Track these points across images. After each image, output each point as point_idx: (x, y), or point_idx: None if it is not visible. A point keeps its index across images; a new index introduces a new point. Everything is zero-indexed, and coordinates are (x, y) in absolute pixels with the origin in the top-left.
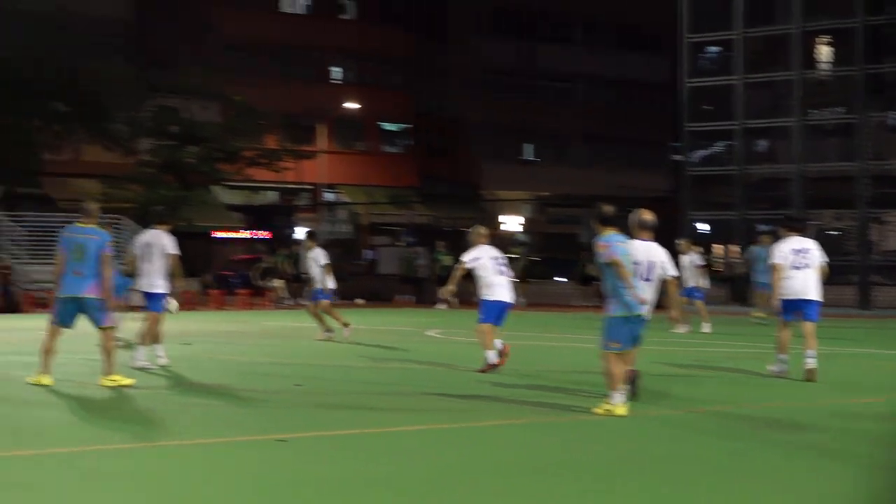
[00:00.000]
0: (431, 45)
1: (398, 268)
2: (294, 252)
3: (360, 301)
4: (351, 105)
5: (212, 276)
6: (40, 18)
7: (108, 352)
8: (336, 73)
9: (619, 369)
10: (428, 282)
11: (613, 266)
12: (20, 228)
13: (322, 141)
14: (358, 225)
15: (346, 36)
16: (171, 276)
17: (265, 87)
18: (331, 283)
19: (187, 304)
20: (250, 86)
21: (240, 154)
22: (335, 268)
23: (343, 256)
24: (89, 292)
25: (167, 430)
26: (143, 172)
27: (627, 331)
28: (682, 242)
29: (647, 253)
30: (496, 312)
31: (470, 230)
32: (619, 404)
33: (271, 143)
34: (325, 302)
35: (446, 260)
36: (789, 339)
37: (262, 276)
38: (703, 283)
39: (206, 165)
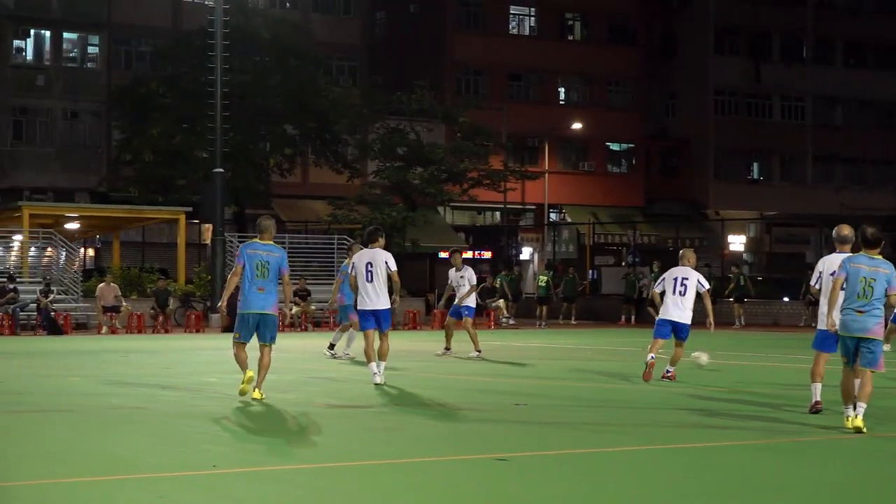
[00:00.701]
0: (659, 65)
1: (621, 287)
2: (516, 273)
3: (573, 321)
4: (577, 125)
5: (437, 295)
6: (274, 43)
7: (265, 368)
8: (562, 93)
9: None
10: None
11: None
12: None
13: (547, 161)
14: (581, 245)
15: (573, 57)
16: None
17: (492, 108)
18: (472, 302)
19: (411, 323)
20: (477, 107)
21: (465, 175)
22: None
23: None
24: (272, 309)
25: (387, 448)
26: (370, 194)
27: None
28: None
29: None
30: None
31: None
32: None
33: (496, 163)
34: (469, 319)
35: (541, 281)
36: None
37: (484, 296)
38: None
39: (432, 186)
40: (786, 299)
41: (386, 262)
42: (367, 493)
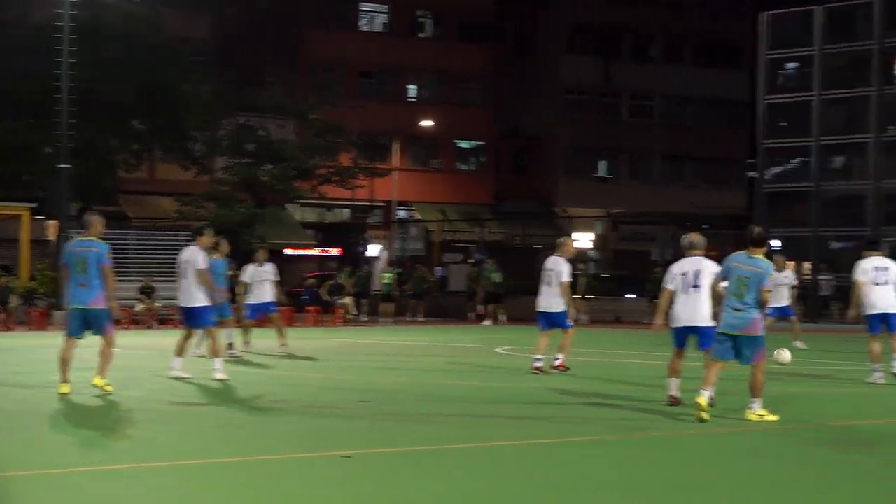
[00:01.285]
0: (509, 64)
1: (468, 285)
2: (364, 270)
3: (420, 318)
4: (427, 123)
5: (283, 292)
6: (124, 37)
7: (105, 357)
8: (413, 91)
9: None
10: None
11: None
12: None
13: (396, 158)
14: (430, 242)
15: (424, 54)
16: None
17: (342, 105)
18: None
19: (258, 320)
20: (329, 104)
21: (314, 172)
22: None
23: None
24: (95, 303)
25: (229, 446)
26: (219, 190)
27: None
28: (778, 259)
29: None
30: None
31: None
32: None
33: (346, 160)
34: (275, 315)
35: (495, 277)
36: (879, 350)
37: (331, 293)
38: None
39: (282, 183)
40: (630, 296)
41: (198, 260)
42: (207, 491)
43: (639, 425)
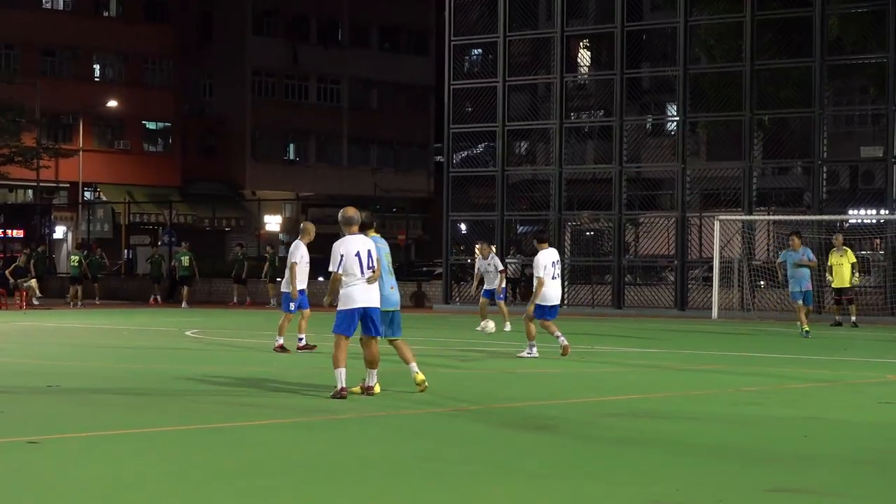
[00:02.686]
0: (195, 45)
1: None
2: (41, 251)
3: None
4: (112, 103)
5: None
6: None
7: None
8: (98, 70)
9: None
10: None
11: None
12: None
13: (81, 139)
14: (117, 224)
15: (109, 34)
16: None
17: (27, 84)
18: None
19: None
20: (11, 82)
21: None
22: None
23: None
24: None
25: None
26: None
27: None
28: (483, 247)
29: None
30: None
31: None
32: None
33: (29, 140)
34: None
35: (185, 260)
36: (535, 330)
37: (16, 275)
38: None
39: None
40: (320, 279)
41: None
42: None
43: (327, 408)
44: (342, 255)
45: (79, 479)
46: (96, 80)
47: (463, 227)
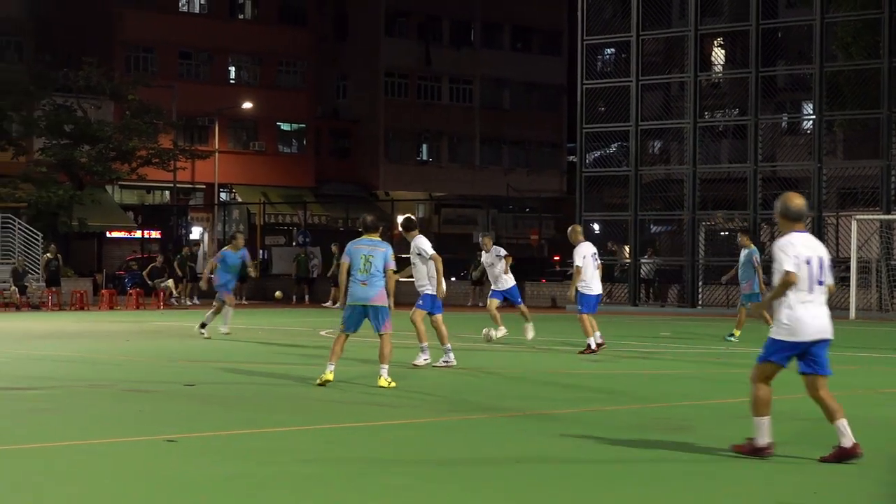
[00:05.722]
0: (331, 47)
1: (292, 268)
2: (186, 253)
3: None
4: (247, 105)
5: (105, 275)
6: None
7: None
8: (233, 72)
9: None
10: (321, 281)
11: None
12: None
13: (217, 140)
14: (251, 225)
15: (244, 36)
16: None
17: (163, 86)
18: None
19: (78, 303)
20: (148, 85)
21: (134, 153)
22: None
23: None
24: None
25: (48, 430)
26: (36, 172)
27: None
28: (483, 237)
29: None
30: None
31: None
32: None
33: (166, 142)
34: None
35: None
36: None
37: (154, 275)
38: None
39: (100, 165)
40: (453, 279)
41: None
42: (36, 476)
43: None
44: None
45: (215, 477)
46: (231, 81)
47: (596, 227)
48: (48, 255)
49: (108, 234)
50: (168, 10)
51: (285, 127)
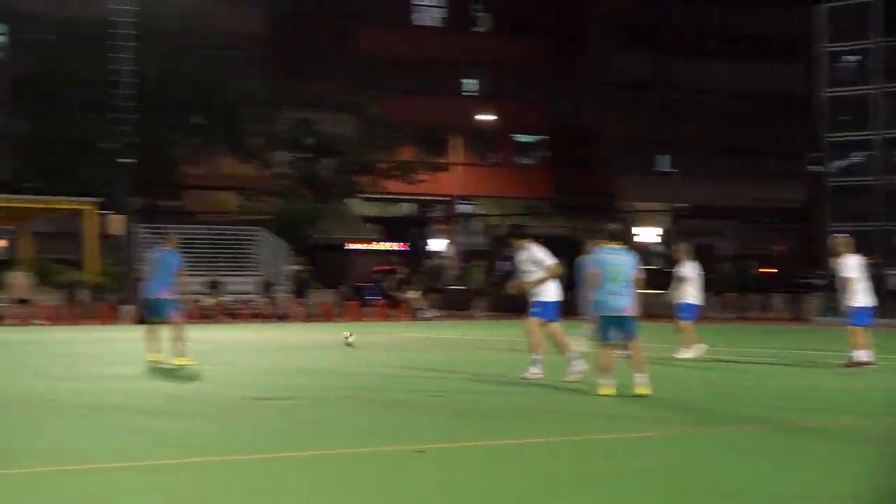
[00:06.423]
0: (567, 57)
1: None
2: (430, 265)
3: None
4: (485, 117)
5: (349, 287)
6: (179, 35)
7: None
8: (470, 85)
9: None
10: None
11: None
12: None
13: (456, 153)
14: (492, 237)
15: (480, 48)
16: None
17: (400, 100)
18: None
19: (324, 314)
20: (385, 99)
21: (375, 166)
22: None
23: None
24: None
25: (302, 440)
26: (280, 185)
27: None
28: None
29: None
30: None
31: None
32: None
33: (406, 155)
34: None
35: (475, 273)
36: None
37: (398, 286)
38: None
39: (342, 178)
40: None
41: None
42: (283, 486)
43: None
44: None
45: (467, 489)
46: (468, 94)
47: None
48: (295, 266)
49: (350, 246)
50: (404, 24)
51: (523, 139)
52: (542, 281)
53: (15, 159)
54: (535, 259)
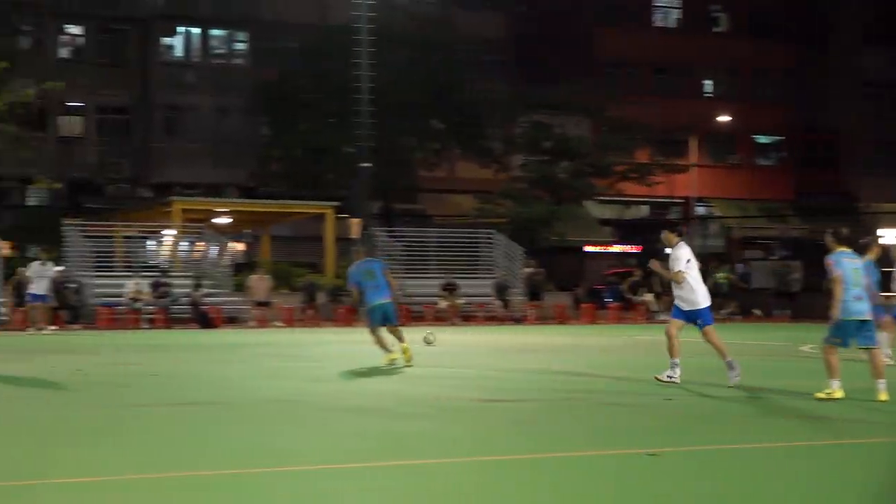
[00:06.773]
0: (807, 57)
1: (772, 282)
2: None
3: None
4: (723, 118)
5: (584, 289)
6: (418, 41)
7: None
8: (708, 86)
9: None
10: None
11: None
12: (397, 244)
13: (693, 155)
14: (730, 238)
15: (718, 50)
16: None
17: (637, 102)
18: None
19: (558, 317)
20: (622, 101)
21: (611, 169)
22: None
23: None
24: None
25: (524, 441)
26: (516, 188)
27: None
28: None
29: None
30: None
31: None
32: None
33: (642, 157)
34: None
35: (720, 277)
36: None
37: (633, 289)
38: None
39: (578, 180)
40: None
41: None
42: (505, 487)
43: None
44: None
45: (698, 494)
46: (707, 95)
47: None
48: (530, 269)
49: (585, 249)
50: (643, 27)
51: (763, 139)
52: (674, 277)
53: (257, 164)
54: (674, 257)
